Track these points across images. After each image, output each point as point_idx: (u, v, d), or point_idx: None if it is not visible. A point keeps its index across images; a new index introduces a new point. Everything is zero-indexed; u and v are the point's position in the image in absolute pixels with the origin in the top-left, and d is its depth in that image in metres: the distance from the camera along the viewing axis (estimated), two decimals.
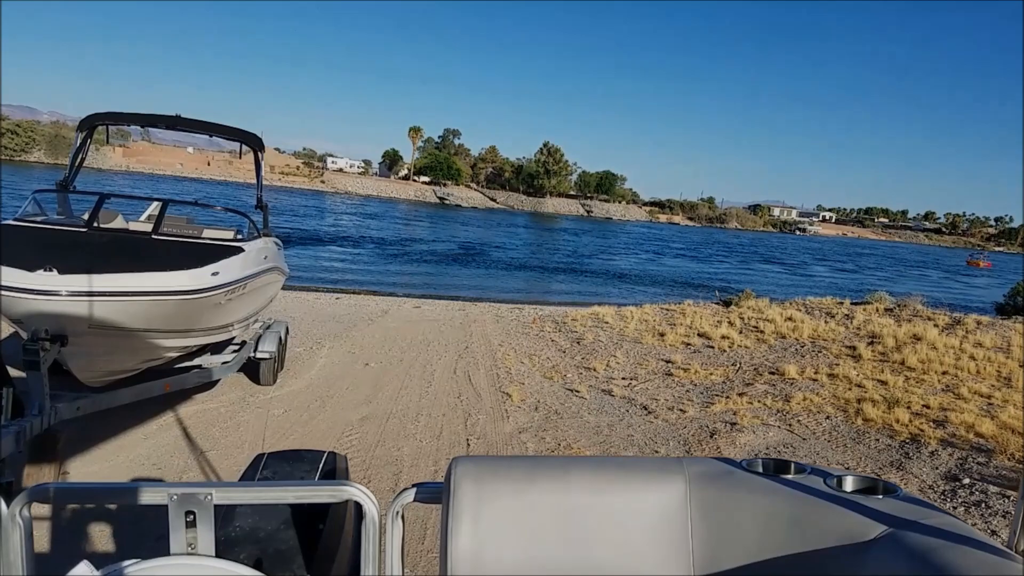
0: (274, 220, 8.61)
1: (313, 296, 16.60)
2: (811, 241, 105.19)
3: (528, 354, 9.91)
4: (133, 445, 5.57)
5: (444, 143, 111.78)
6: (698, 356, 9.30)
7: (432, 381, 8.14)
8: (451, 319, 13.45)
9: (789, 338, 9.84)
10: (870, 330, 9.91)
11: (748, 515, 1.26)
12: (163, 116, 7.03)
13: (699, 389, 7.86)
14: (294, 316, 12.44)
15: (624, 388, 7.91)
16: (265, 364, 7.22)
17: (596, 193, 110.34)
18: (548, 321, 13.01)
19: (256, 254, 6.30)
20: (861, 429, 6.34)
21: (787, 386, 7.70)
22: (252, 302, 6.61)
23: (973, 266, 70.74)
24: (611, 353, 9.60)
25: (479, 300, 19.16)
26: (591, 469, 1.36)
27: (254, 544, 1.49)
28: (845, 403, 6.98)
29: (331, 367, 8.58)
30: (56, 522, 3.92)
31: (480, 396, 7.59)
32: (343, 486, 1.29)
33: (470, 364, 9.16)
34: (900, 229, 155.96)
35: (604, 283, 28.04)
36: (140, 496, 1.24)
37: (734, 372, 8.41)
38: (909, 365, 8.17)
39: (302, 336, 10.54)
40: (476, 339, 11.12)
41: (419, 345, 10.33)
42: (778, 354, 9.19)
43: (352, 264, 26.74)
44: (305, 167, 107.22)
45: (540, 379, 8.46)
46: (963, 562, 0.97)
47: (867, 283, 39.40)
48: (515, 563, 1.24)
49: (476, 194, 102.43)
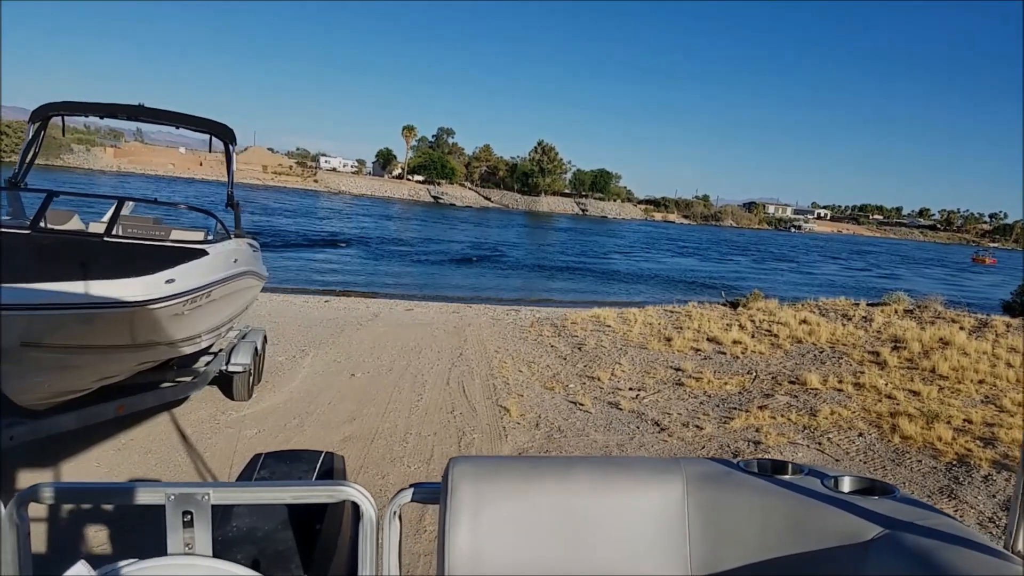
0: (265, 220, 7.94)
1: (301, 299, 15.90)
2: (815, 239, 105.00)
3: (527, 361, 9.25)
4: (85, 471, 4.90)
5: (438, 142, 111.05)
6: (710, 363, 8.64)
7: (423, 394, 7.47)
8: (445, 323, 12.79)
9: (806, 343, 9.19)
10: (892, 334, 9.27)
11: (746, 515, 1.26)
12: (124, 106, 6.33)
13: (714, 401, 7.22)
14: (279, 321, 11.76)
15: (632, 400, 7.26)
16: (238, 378, 6.55)
17: (591, 192, 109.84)
18: (547, 324, 12.36)
19: (224, 257, 5.62)
20: (899, 448, 5.70)
21: (811, 397, 7.05)
22: (221, 310, 5.93)
23: (979, 263, 70.63)
24: (615, 360, 8.95)
25: (474, 302, 18.52)
26: (588, 469, 1.35)
27: (252, 544, 1.48)
28: (878, 417, 6.34)
29: (314, 378, 7.91)
30: (54, 522, 3.89)
31: (475, 411, 6.93)
32: (340, 486, 1.29)
33: (464, 373, 8.49)
34: (895, 226, 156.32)
35: (602, 283, 27.36)
36: (137, 496, 1.25)
37: (751, 381, 7.76)
38: (941, 373, 7.53)
39: (285, 343, 9.86)
40: (471, 345, 10.46)
41: (410, 352, 9.67)
42: (796, 361, 8.54)
43: (343, 265, 26.00)
44: (298, 167, 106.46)
45: (540, 390, 7.81)
46: (961, 563, 0.97)
47: (873, 282, 38.92)
48: (513, 563, 1.24)
49: (470, 193, 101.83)
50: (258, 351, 7.03)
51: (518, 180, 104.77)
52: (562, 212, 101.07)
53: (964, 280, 48.98)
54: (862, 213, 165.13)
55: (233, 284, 5.96)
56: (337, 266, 25.49)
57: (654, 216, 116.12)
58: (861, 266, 55.08)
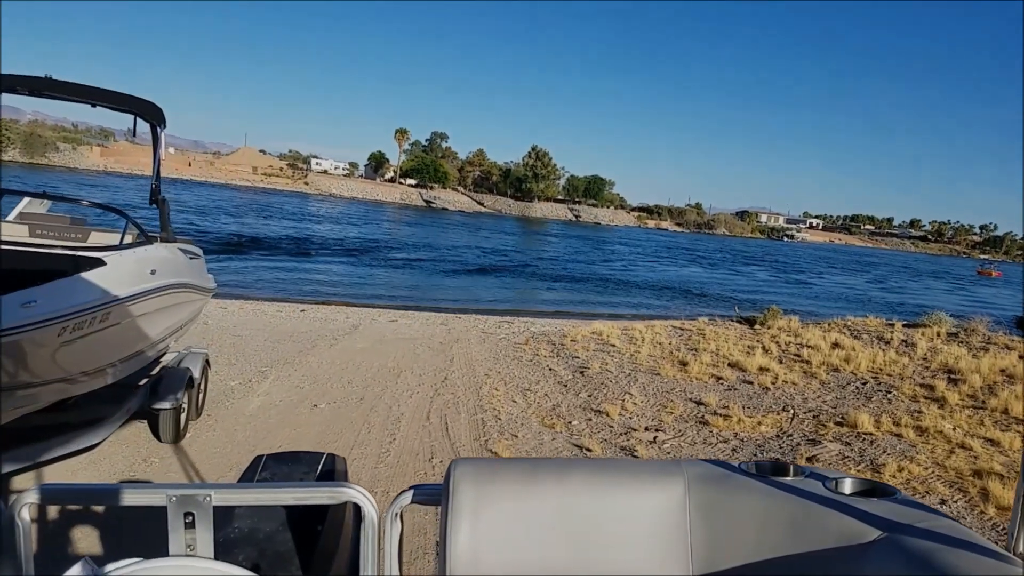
0: (250, 223, 6.64)
1: (275, 308, 14.59)
2: (820, 249, 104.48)
3: (521, 388, 8.00)
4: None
5: (431, 146, 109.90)
6: (736, 395, 7.40)
7: (397, 433, 6.20)
8: (430, 337, 11.52)
9: (843, 371, 7.98)
10: (942, 362, 8.08)
11: (747, 517, 1.25)
12: (23, 78, 5.01)
13: (749, 447, 5.98)
14: (242, 335, 10.46)
15: (650, 445, 6.01)
16: (165, 416, 5.25)
17: (584, 198, 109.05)
18: (543, 342, 11.11)
19: (132, 268, 4.35)
20: (997, 524, 4.49)
21: (866, 445, 5.83)
22: (134, 333, 4.65)
23: (984, 276, 70.24)
24: (625, 389, 7.70)
25: (464, 312, 17.25)
26: (590, 471, 1.35)
27: (253, 546, 1.48)
28: (958, 477, 5.12)
29: (268, 410, 6.63)
30: (55, 522, 3.87)
31: (459, 457, 5.65)
32: (342, 487, 1.28)
33: (449, 404, 7.23)
34: (886, 236, 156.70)
35: (599, 292, 26.07)
36: (139, 498, 1.25)
37: (788, 420, 6.54)
38: (1016, 415, 6.36)
39: (244, 362, 8.58)
40: (458, 366, 9.19)
41: (387, 375, 8.40)
42: (836, 394, 7.32)
43: (327, 271, 24.60)
44: (289, 168, 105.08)
45: (538, 427, 6.55)
46: (961, 565, 0.96)
47: (885, 296, 37.96)
48: (514, 565, 1.24)
49: (463, 198, 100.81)
50: (195, 380, 5.74)
51: (511, 185, 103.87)
52: (555, 218, 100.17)
53: (976, 293, 48.00)
54: (854, 223, 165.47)
55: (152, 300, 4.69)
56: (321, 273, 24.10)
57: (647, 223, 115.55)
58: (869, 279, 53.83)
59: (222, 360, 8.61)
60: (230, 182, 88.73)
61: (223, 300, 15.31)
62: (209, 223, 36.57)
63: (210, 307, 13.83)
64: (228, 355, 8.96)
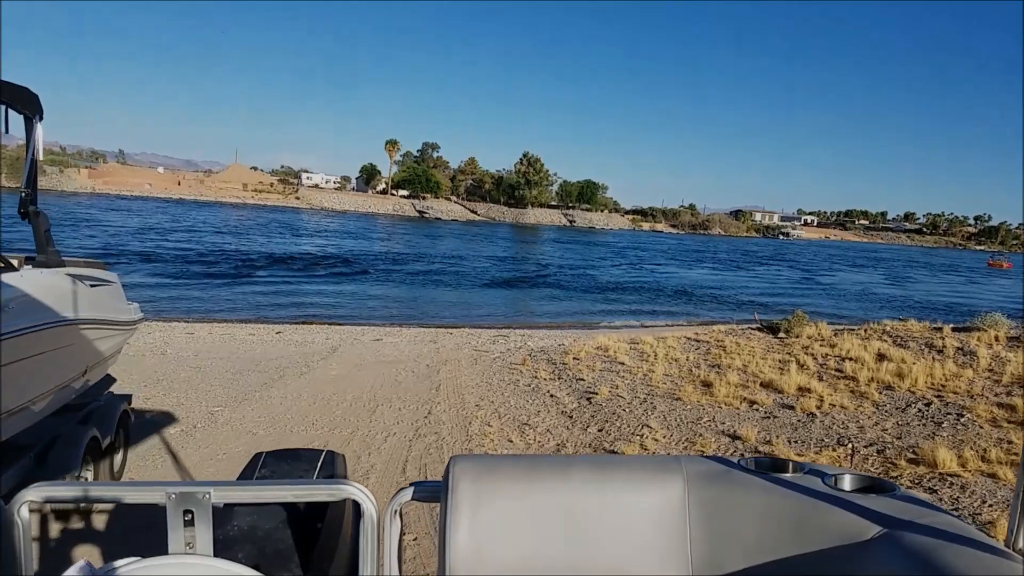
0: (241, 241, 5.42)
1: (248, 331, 13.34)
2: (818, 246, 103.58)
3: (518, 423, 6.77)
4: None
5: (423, 156, 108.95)
6: (777, 425, 6.17)
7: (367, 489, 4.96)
8: (416, 358, 10.30)
9: (898, 389, 6.76)
10: (1014, 373, 6.88)
11: (746, 514, 1.23)
12: None
13: None
14: (201, 366, 9.20)
15: None
16: None
17: (578, 203, 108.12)
18: (542, 360, 9.89)
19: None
20: None
21: (957, 492, 4.61)
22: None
23: (995, 267, 69.38)
24: (642, 421, 6.47)
25: (456, 325, 16.05)
26: (590, 468, 1.33)
27: (252, 543, 1.46)
28: None
29: (210, 464, 5.40)
30: (55, 521, 3.87)
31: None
32: (341, 485, 1.27)
33: (431, 448, 6.00)
34: (881, 231, 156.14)
35: (599, 299, 24.79)
36: (138, 496, 1.26)
37: (847, 457, 5.31)
38: None
39: (194, 401, 7.36)
40: (445, 395, 7.97)
41: (361, 411, 7.18)
42: (896, 419, 6.10)
43: (313, 289, 23.34)
44: (280, 184, 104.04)
45: None
46: (961, 561, 0.95)
47: (900, 293, 36.80)
48: (513, 562, 1.23)
49: (456, 207, 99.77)
50: (99, 440, 4.50)
51: (504, 193, 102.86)
52: (549, 224, 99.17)
53: (994, 286, 46.84)
54: (848, 219, 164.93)
55: (26, 342, 3.46)
56: (305, 287, 22.85)
57: (642, 226, 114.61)
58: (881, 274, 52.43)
59: (169, 400, 7.38)
60: (220, 199, 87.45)
61: (192, 324, 14.06)
62: (194, 242, 35.33)
63: (174, 333, 12.58)
64: (178, 393, 7.72)
